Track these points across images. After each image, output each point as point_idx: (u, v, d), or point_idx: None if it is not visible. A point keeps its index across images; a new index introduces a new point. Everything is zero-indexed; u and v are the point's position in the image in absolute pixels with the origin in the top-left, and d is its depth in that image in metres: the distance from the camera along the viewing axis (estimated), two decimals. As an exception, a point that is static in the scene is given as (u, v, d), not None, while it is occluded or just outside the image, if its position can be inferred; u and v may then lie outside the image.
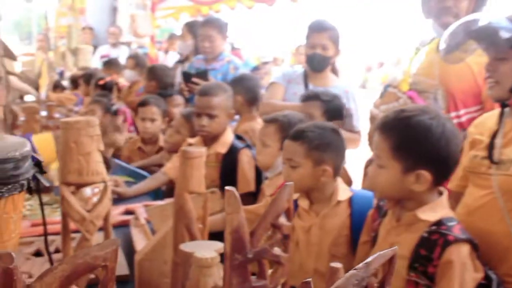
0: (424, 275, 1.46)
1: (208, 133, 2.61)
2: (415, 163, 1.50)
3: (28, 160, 0.90)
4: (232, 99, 2.76)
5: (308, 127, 1.88)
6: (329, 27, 3.10)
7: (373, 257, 0.67)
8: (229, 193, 0.79)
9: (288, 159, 1.86)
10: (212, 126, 2.59)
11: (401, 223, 1.56)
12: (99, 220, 1.25)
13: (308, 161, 1.81)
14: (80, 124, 1.21)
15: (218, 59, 3.90)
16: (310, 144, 1.82)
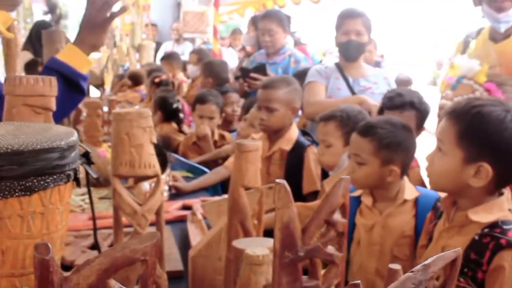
0: (474, 281, 1.35)
1: (266, 127, 2.55)
2: (478, 154, 1.38)
3: (75, 150, 0.88)
4: (299, 92, 2.67)
5: (379, 123, 1.79)
6: (362, 14, 3.00)
7: (432, 259, 0.60)
8: (279, 186, 0.74)
9: (355, 155, 1.78)
10: (271, 120, 2.52)
11: (453, 225, 1.46)
12: (151, 214, 1.23)
13: (376, 159, 1.73)
14: (132, 116, 1.19)
15: (280, 53, 3.84)
16: (379, 142, 1.73)
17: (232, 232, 1.31)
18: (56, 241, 0.89)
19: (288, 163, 2.52)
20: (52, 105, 1.13)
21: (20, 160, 0.80)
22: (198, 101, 3.36)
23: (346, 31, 2.96)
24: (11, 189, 0.81)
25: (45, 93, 1.11)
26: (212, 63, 4.15)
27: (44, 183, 0.83)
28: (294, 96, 2.58)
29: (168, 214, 2.08)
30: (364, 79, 3.02)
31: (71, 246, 1.69)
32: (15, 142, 0.81)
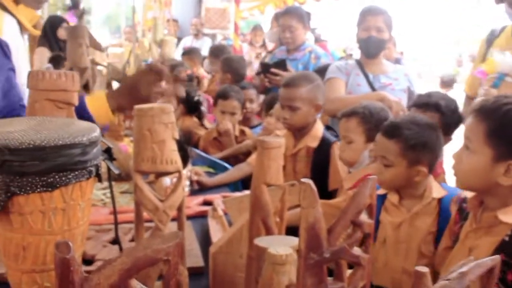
0: (503, 283, 1.31)
1: (290, 125, 2.53)
2: (509, 152, 1.35)
3: (97, 146, 0.87)
4: (321, 89, 2.64)
5: (404, 123, 1.75)
6: (383, 11, 3.00)
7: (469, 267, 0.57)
8: (305, 185, 0.72)
9: (381, 157, 1.75)
10: (294, 118, 2.50)
11: (481, 225, 1.42)
12: (172, 210, 1.22)
13: (403, 161, 1.71)
14: (154, 111, 1.18)
15: (300, 49, 3.81)
16: (406, 144, 1.70)
17: (254, 229, 1.29)
18: (77, 237, 0.89)
19: (314, 160, 2.50)
20: (75, 100, 1.13)
21: (42, 155, 0.79)
22: (220, 96, 3.34)
23: (367, 28, 2.94)
24: (33, 184, 0.80)
25: (67, 88, 1.10)
26: (230, 59, 4.13)
27: (66, 179, 0.82)
28: (317, 93, 2.55)
29: (189, 210, 2.07)
30: (385, 75, 2.99)
31: (92, 240, 1.69)
32: (37, 138, 0.80)
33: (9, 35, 1.74)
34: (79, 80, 1.12)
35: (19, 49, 1.78)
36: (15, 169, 0.79)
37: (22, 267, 0.86)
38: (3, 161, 0.79)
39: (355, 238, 0.77)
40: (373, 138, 2.06)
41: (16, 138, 0.79)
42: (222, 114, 3.28)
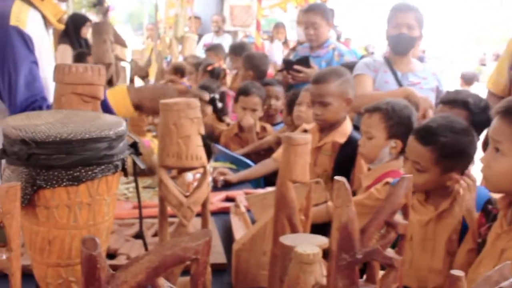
0: None
1: (323, 121, 2.50)
2: None
3: (123, 140, 0.86)
4: (351, 83, 2.61)
5: (440, 130, 1.70)
6: (414, 8, 2.93)
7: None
8: (339, 184, 0.69)
9: (414, 162, 1.72)
10: (326, 115, 2.47)
11: None
12: (196, 206, 1.20)
13: (437, 168, 1.67)
14: (180, 106, 1.16)
15: (323, 46, 3.76)
16: (441, 152, 1.66)
17: (279, 227, 1.27)
18: (102, 232, 0.88)
19: (340, 156, 2.47)
20: (101, 94, 1.12)
21: (68, 149, 0.78)
22: (242, 93, 3.32)
23: (397, 24, 2.88)
24: (59, 178, 0.79)
25: (93, 81, 1.09)
26: (252, 56, 4.09)
27: (92, 173, 0.81)
28: (347, 87, 2.52)
29: (211, 206, 2.04)
30: (413, 74, 2.94)
31: (115, 234, 1.68)
32: (64, 131, 0.79)
33: (34, 29, 1.74)
34: (105, 74, 1.11)
35: (43, 43, 1.78)
36: (41, 162, 0.78)
37: (47, 261, 0.85)
38: (29, 154, 0.78)
39: (388, 239, 0.74)
40: (394, 135, 2.03)
41: (42, 131, 0.78)
42: (243, 110, 3.26)
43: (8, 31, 1.66)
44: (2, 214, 0.62)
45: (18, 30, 1.67)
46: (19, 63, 1.67)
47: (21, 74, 1.67)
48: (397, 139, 2.02)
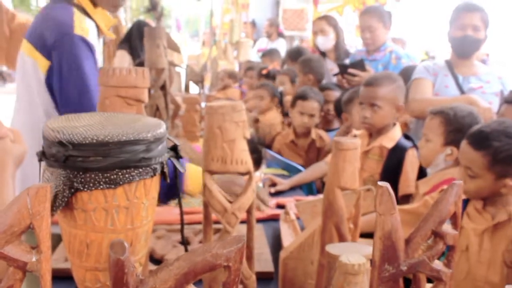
0: None
1: (370, 125, 2.44)
2: None
3: (162, 143, 0.84)
4: (403, 90, 2.54)
5: (493, 134, 1.62)
6: (480, 8, 2.77)
7: None
8: (382, 190, 0.65)
9: (466, 167, 1.64)
10: (375, 118, 2.41)
11: None
12: (241, 212, 1.17)
13: (490, 174, 1.59)
14: (225, 109, 1.14)
15: (380, 49, 3.68)
16: (495, 157, 1.58)
17: (326, 235, 1.23)
18: (140, 236, 0.86)
19: (388, 162, 2.40)
20: (144, 97, 1.11)
21: (105, 151, 0.77)
22: (300, 97, 3.27)
23: (462, 26, 2.75)
24: (96, 181, 0.78)
25: (137, 84, 1.09)
26: (310, 59, 4.03)
27: (129, 176, 0.79)
28: (399, 93, 2.45)
29: (261, 213, 2.03)
30: (476, 77, 2.81)
31: (162, 240, 1.68)
32: (101, 133, 0.78)
33: (93, 38, 1.77)
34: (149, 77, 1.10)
35: (97, 52, 1.81)
36: (78, 165, 0.77)
37: (85, 264, 0.84)
38: (67, 156, 0.77)
39: (436, 250, 0.69)
40: (451, 142, 1.96)
41: (80, 133, 0.77)
42: (301, 115, 3.20)
43: (73, 39, 1.68)
44: (32, 216, 0.61)
45: (83, 39, 1.70)
46: (89, 71, 1.70)
47: (92, 82, 1.69)
48: (454, 147, 1.94)
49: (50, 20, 1.74)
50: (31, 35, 1.77)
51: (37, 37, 1.73)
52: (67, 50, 1.68)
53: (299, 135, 3.26)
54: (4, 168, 1.22)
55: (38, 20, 1.79)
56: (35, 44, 1.73)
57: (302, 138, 3.25)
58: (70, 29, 1.69)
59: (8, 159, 1.24)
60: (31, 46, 1.75)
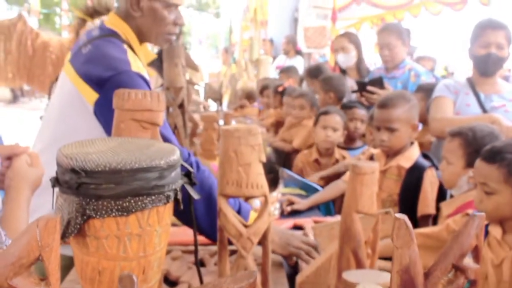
0: None
1: (388, 148, 2.42)
2: None
3: (176, 170, 0.83)
4: (417, 108, 2.51)
5: (506, 147, 1.60)
6: (504, 26, 2.72)
7: None
8: (400, 222, 0.63)
9: (482, 184, 1.60)
10: (392, 140, 2.38)
11: None
12: (257, 237, 1.16)
13: (507, 187, 1.55)
14: (241, 132, 1.13)
15: (399, 67, 3.65)
16: (510, 168, 1.55)
17: (343, 261, 1.20)
18: (153, 263, 0.85)
19: (406, 182, 2.37)
20: (160, 120, 1.10)
21: (117, 179, 0.76)
22: (322, 113, 3.25)
23: (485, 43, 2.70)
24: (108, 208, 0.77)
25: (152, 108, 1.08)
26: (331, 77, 4.01)
27: (142, 204, 0.78)
28: (413, 112, 2.43)
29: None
30: (498, 95, 2.75)
31: (178, 261, 1.67)
32: (114, 160, 0.77)
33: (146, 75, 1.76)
34: (168, 95, 1.09)
35: None
36: (91, 192, 0.76)
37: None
38: (79, 184, 0.76)
39: (457, 284, 0.66)
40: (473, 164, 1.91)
41: (93, 160, 0.77)
42: (324, 129, 3.17)
43: (132, 77, 1.66)
44: (41, 247, 0.60)
45: (141, 76, 1.68)
46: None
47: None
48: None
49: (103, 56, 1.70)
50: (80, 66, 1.73)
51: (88, 71, 1.69)
52: (125, 84, 1.63)
53: (323, 154, 3.23)
54: (19, 192, 1.23)
55: (90, 53, 1.74)
56: (85, 77, 1.68)
57: (326, 158, 3.22)
58: (127, 67, 1.66)
59: (24, 183, 1.24)
60: (79, 78, 1.70)
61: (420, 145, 3.18)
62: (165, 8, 1.80)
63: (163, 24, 1.81)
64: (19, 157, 1.27)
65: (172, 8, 1.82)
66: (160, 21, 1.80)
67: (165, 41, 1.90)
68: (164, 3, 1.79)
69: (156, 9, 1.78)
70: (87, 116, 1.71)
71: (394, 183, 2.41)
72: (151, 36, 1.84)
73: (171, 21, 1.83)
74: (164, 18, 1.80)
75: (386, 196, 2.40)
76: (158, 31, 1.83)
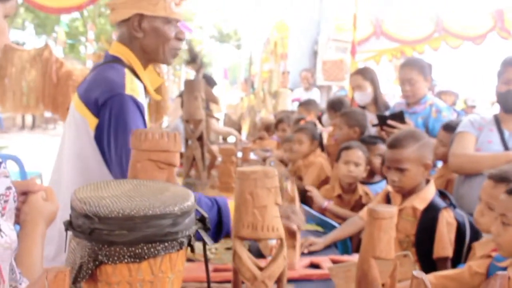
0: None
1: (400, 188, 2.38)
2: None
3: (190, 215, 0.82)
4: (429, 146, 2.47)
5: None
6: None
7: None
8: (418, 281, 0.61)
9: (502, 215, 1.56)
10: (403, 181, 2.35)
11: None
12: (271, 281, 1.13)
13: None
14: (257, 175, 1.12)
15: (420, 102, 3.62)
16: None
17: (361, 307, 1.17)
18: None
19: (422, 223, 2.32)
20: (176, 160, 1.10)
21: (131, 225, 0.75)
22: (344, 148, 3.22)
23: (507, 80, 2.68)
24: (121, 255, 0.76)
25: (169, 148, 1.08)
26: (355, 112, 3.97)
27: (155, 251, 0.77)
28: (425, 151, 2.38)
29: (294, 272, 1.97)
30: None
31: (192, 299, 1.64)
32: (127, 206, 0.76)
33: (142, 99, 1.79)
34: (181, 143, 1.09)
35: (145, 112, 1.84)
36: (103, 238, 0.76)
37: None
38: (92, 229, 0.76)
39: None
40: None
41: (106, 206, 0.76)
42: (346, 164, 3.13)
43: (125, 100, 1.70)
44: (50, 300, 0.59)
45: (134, 100, 1.72)
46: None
47: None
48: None
49: (102, 80, 1.76)
50: (83, 93, 1.80)
51: (88, 95, 1.75)
52: (117, 108, 1.69)
53: (346, 190, 3.19)
54: (34, 227, 1.22)
55: (91, 79, 1.81)
56: (86, 102, 1.74)
57: (349, 194, 3.18)
58: (121, 89, 1.71)
59: (40, 218, 1.24)
60: (81, 104, 1.77)
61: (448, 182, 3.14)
62: (166, 24, 1.86)
63: (166, 40, 1.87)
64: (35, 193, 1.27)
65: (173, 24, 1.88)
66: (163, 37, 1.86)
67: (172, 57, 1.95)
68: (164, 20, 1.85)
69: (157, 27, 1.84)
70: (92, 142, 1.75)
71: (410, 224, 2.36)
72: (158, 54, 1.89)
73: (174, 36, 1.89)
74: (166, 34, 1.86)
75: (403, 237, 2.35)
76: (163, 48, 1.88)
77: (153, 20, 1.83)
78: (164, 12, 1.83)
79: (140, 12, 1.82)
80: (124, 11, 1.83)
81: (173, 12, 1.85)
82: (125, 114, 1.70)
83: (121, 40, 1.90)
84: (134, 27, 1.84)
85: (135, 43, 1.88)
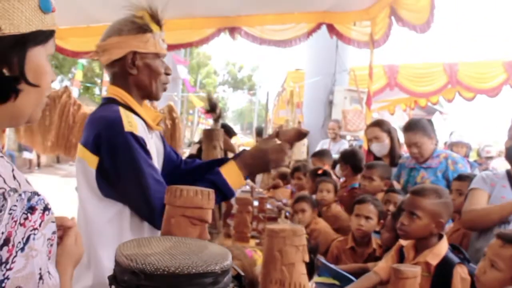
0: None
1: (405, 232, 2.37)
2: None
3: (228, 274, 0.86)
4: (448, 208, 2.48)
5: None
6: None
7: None
8: None
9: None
10: (411, 226, 2.35)
11: None
12: None
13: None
14: (286, 233, 1.16)
15: (433, 156, 3.66)
16: None
17: None
18: None
19: (436, 279, 2.31)
20: (209, 217, 1.14)
21: (174, 283, 0.79)
22: (357, 201, 3.24)
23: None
24: (164, 310, 0.80)
25: (203, 205, 1.12)
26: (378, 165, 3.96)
27: (196, 307, 0.81)
28: (442, 210, 2.38)
29: (312, 326, 1.98)
30: None
31: None
32: (172, 264, 0.80)
33: (142, 133, 1.85)
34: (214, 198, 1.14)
35: (149, 145, 1.89)
36: (148, 294, 0.79)
37: None
38: (138, 285, 0.80)
39: None
40: None
41: (152, 263, 0.80)
42: (357, 217, 3.15)
43: (126, 137, 1.76)
44: None
45: (134, 135, 1.78)
46: (143, 165, 1.76)
47: (146, 170, 1.76)
48: None
49: (99, 120, 1.81)
50: (83, 138, 1.86)
51: (87, 136, 1.81)
52: (121, 149, 1.74)
53: (359, 243, 3.19)
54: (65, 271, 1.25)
55: (88, 123, 1.87)
56: (85, 143, 1.80)
57: (363, 247, 3.18)
58: (121, 128, 1.76)
59: (70, 262, 1.27)
60: (81, 147, 1.82)
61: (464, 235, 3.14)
62: (156, 60, 1.96)
63: (158, 74, 1.96)
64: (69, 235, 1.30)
65: (160, 59, 1.98)
66: (155, 72, 1.96)
67: (162, 91, 2.04)
68: (155, 56, 1.95)
69: (149, 63, 1.94)
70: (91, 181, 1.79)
71: (425, 279, 2.34)
72: (151, 89, 1.98)
73: (163, 71, 1.99)
74: (157, 69, 1.96)
75: None
76: (156, 83, 1.97)
77: (145, 57, 1.92)
78: (154, 48, 1.93)
79: (133, 50, 1.90)
80: (118, 50, 1.90)
81: (161, 48, 1.96)
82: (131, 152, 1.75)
83: (114, 82, 1.97)
84: (128, 65, 1.91)
85: (129, 81, 1.95)
